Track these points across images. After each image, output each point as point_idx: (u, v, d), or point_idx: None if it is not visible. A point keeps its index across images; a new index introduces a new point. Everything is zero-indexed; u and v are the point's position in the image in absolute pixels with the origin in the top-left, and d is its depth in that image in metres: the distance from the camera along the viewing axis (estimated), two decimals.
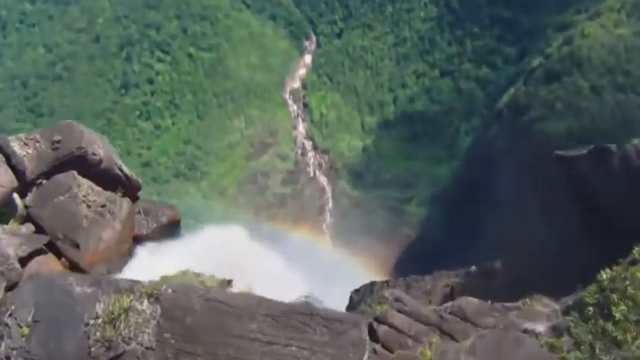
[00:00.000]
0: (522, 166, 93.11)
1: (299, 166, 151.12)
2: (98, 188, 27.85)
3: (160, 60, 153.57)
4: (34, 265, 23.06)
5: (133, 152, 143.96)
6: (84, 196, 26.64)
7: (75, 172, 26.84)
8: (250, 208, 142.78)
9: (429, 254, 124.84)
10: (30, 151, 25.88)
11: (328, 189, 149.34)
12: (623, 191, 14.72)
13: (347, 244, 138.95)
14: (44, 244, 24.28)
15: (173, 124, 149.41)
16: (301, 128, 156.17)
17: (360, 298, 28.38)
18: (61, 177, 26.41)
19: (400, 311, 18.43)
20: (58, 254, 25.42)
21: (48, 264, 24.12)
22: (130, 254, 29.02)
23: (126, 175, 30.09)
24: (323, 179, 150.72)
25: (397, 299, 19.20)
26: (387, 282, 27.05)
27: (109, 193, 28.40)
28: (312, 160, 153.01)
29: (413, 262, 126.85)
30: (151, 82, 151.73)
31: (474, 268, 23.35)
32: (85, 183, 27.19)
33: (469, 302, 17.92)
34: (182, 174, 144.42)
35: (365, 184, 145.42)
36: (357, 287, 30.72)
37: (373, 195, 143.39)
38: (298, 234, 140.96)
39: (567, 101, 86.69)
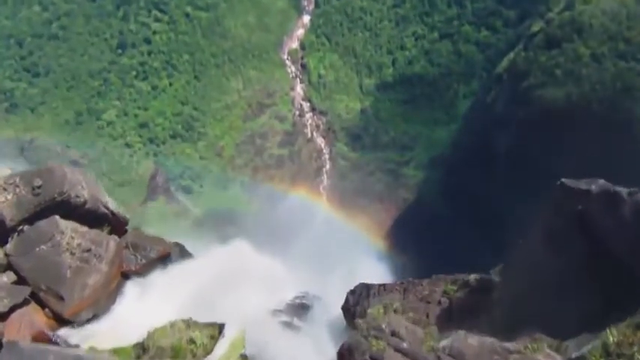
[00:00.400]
0: (521, 133, 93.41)
1: (297, 128, 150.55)
2: (83, 229, 26.82)
3: (157, 19, 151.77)
4: (16, 316, 22.50)
5: (129, 113, 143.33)
6: (67, 243, 25.56)
7: (57, 217, 25.81)
8: (247, 170, 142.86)
9: (426, 219, 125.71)
10: (9, 197, 24.92)
11: (326, 151, 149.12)
12: (635, 244, 13.91)
13: (344, 206, 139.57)
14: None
15: (170, 84, 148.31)
16: (299, 89, 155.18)
17: (356, 300, 28.19)
18: (42, 224, 25.41)
19: (397, 350, 18.34)
20: (42, 304, 24.65)
21: (31, 315, 23.46)
22: (117, 292, 28.00)
23: (112, 212, 28.85)
24: (320, 141, 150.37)
25: (393, 333, 19.13)
26: (383, 286, 26.81)
27: (94, 232, 27.41)
28: (309, 122, 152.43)
29: (410, 227, 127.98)
30: (147, 41, 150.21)
31: (473, 278, 23.14)
32: (69, 226, 26.14)
33: (468, 344, 17.53)
34: (179, 135, 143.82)
35: (363, 146, 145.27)
36: (353, 288, 30.39)
37: (371, 157, 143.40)
38: (296, 195, 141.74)
39: (567, 68, 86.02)
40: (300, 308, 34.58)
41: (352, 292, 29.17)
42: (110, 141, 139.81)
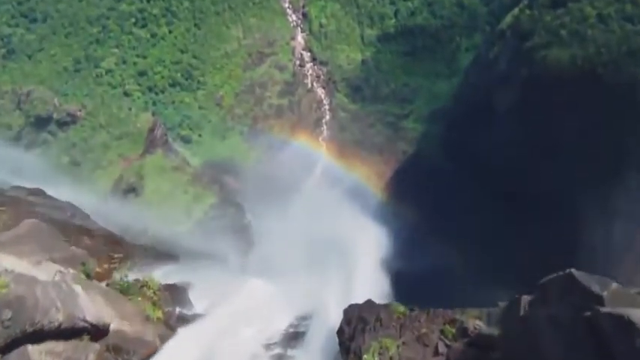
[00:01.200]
0: (523, 93, 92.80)
1: (297, 78, 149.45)
2: (59, 347, 25.32)
3: None
4: None
5: (128, 61, 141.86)
6: None
7: (29, 347, 24.14)
8: (247, 119, 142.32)
9: (425, 171, 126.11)
10: None
11: (326, 101, 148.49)
12: None
13: (343, 157, 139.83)
14: None
15: (169, 32, 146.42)
16: (300, 39, 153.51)
17: (351, 333, 27.73)
18: (13, 356, 23.52)
19: None
20: None
21: None
22: None
23: (91, 324, 26.84)
24: (321, 91, 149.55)
25: None
26: (379, 321, 26.39)
27: (72, 346, 25.85)
28: (310, 72, 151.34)
29: (409, 179, 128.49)
30: None
31: (472, 325, 22.68)
32: (43, 349, 24.60)
33: None
34: (178, 83, 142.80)
35: (363, 97, 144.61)
36: (350, 305, 30.05)
37: (371, 109, 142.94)
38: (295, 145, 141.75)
39: (572, 29, 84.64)
40: (294, 338, 34.85)
41: (347, 321, 28.60)
42: (109, 89, 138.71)
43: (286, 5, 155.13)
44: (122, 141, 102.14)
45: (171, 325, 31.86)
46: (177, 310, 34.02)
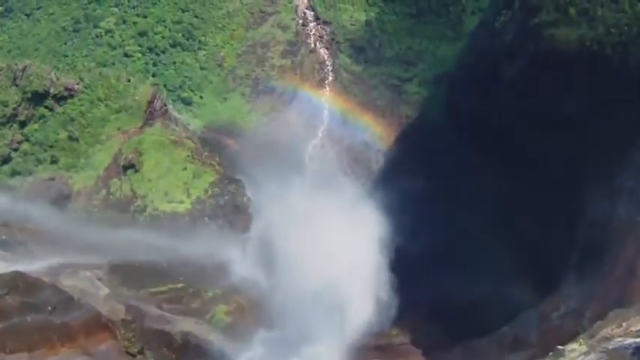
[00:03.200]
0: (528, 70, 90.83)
1: (299, 38, 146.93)
2: None
3: None
4: None
5: (128, 21, 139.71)
6: None
7: None
8: (249, 80, 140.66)
9: (428, 136, 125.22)
10: None
11: (329, 62, 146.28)
12: None
13: (346, 119, 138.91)
14: None
15: None
16: None
17: None
18: None
19: None
20: None
21: None
22: None
23: None
24: (324, 52, 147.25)
25: None
26: None
27: None
28: (313, 32, 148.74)
29: (412, 143, 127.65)
30: None
31: None
32: None
33: None
34: (179, 44, 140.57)
35: (366, 59, 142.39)
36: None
37: (374, 71, 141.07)
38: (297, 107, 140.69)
39: (582, 7, 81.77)
40: None
41: None
42: (108, 50, 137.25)
43: None
44: (121, 114, 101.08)
45: None
46: None
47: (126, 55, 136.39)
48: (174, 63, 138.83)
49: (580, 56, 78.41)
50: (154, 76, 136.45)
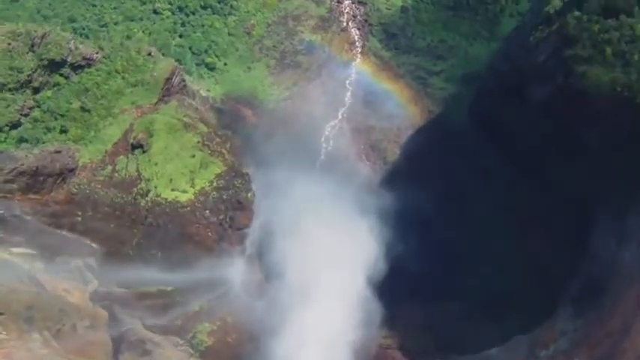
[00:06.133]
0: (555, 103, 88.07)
1: (332, 14, 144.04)
2: None
3: None
4: None
5: None
6: None
7: None
8: (275, 52, 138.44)
9: (447, 134, 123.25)
10: None
11: (358, 44, 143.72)
12: None
13: (368, 104, 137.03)
14: None
15: None
16: None
17: None
18: None
19: None
20: None
21: None
22: None
23: None
24: (355, 32, 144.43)
25: None
26: None
27: None
28: (347, 10, 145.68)
29: (429, 138, 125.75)
30: None
31: None
32: None
33: None
34: (210, 6, 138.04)
35: (397, 46, 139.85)
36: None
37: (403, 59, 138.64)
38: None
39: (619, 49, 77.57)
40: None
41: None
42: (138, 4, 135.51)
43: None
44: (137, 88, 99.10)
45: None
46: None
47: (155, 12, 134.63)
48: (203, 26, 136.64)
49: (609, 99, 75.52)
50: (180, 36, 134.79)
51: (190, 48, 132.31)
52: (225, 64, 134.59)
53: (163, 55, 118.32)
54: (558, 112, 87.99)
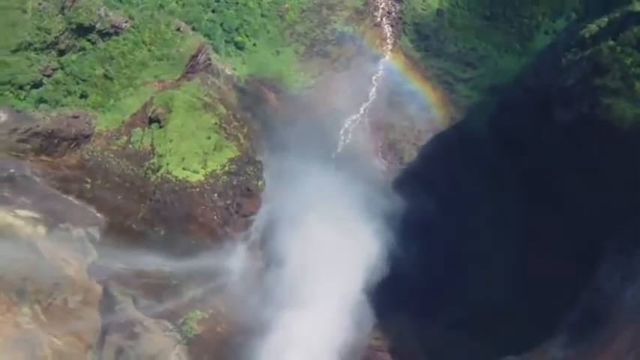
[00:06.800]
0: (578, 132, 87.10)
1: (368, 8, 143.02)
2: None
3: None
4: None
5: None
6: None
7: None
8: (306, 39, 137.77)
9: (467, 145, 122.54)
10: None
11: (390, 41, 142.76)
12: None
13: (391, 104, 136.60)
14: None
15: None
16: None
17: None
18: None
19: None
20: None
21: None
22: None
23: None
24: (388, 29, 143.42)
25: None
26: None
27: None
28: (382, 5, 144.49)
29: (447, 145, 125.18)
30: None
31: None
32: None
33: None
34: None
35: (428, 47, 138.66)
36: None
37: (432, 62, 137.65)
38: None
39: None
40: None
41: None
42: None
43: None
44: (162, 62, 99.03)
45: None
46: None
47: None
48: (237, 3, 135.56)
49: (632, 134, 74.64)
50: (213, 11, 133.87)
51: (222, 24, 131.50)
52: (254, 44, 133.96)
53: (194, 29, 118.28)
54: (580, 138, 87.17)
